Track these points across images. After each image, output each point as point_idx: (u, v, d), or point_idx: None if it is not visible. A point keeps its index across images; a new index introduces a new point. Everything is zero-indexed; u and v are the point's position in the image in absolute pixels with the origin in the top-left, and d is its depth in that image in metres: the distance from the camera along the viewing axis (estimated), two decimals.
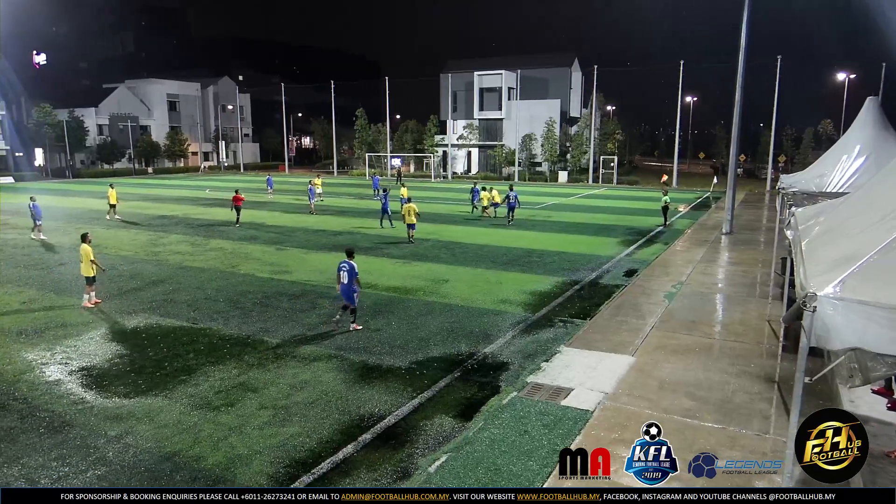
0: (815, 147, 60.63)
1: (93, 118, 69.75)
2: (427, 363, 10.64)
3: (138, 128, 72.60)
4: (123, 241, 22.97)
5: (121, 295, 15.19)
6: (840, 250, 5.22)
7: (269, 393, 9.32)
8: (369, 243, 22.63)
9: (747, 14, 23.42)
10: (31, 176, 59.62)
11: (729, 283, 16.74)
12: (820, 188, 13.93)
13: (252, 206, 33.87)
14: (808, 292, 4.55)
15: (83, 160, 68.82)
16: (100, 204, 36.61)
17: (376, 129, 70.46)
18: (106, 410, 8.70)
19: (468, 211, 32.12)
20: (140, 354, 10.98)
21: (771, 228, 24.62)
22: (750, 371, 10.01)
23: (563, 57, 70.33)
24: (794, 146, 65.41)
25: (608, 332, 12.14)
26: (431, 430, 8.16)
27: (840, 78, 59.00)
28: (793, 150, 64.43)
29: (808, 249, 6.12)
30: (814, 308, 4.46)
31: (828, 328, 4.44)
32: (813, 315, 4.48)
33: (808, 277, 4.97)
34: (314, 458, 7.45)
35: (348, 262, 12.21)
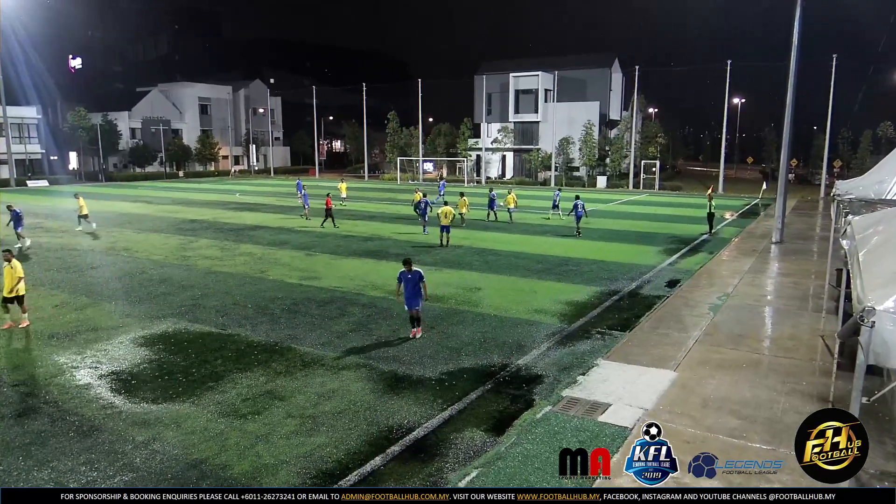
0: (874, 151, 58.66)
1: (126, 122, 72.08)
2: (458, 374, 10.62)
3: (170, 131, 74.76)
4: (154, 246, 23.60)
5: (150, 299, 15.59)
6: None
7: (297, 401, 9.43)
8: (400, 249, 22.77)
9: (800, 10, 22.90)
10: (65, 179, 61.93)
11: (779, 296, 16.31)
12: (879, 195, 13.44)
13: (278, 210, 34.48)
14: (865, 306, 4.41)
15: (116, 164, 71.11)
16: (132, 208, 37.75)
17: (408, 133, 70.99)
18: (134, 416, 8.92)
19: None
20: (168, 360, 11.24)
21: (825, 238, 23.91)
22: (801, 389, 9.71)
23: (603, 57, 69.82)
24: (851, 150, 63.46)
25: (649, 345, 11.94)
26: (462, 444, 8.13)
27: None
28: (849, 155, 62.52)
29: (866, 261, 5.94)
30: (872, 323, 4.34)
31: (887, 345, 4.32)
32: (871, 331, 4.35)
33: (865, 290, 4.83)
34: (341, 469, 7.50)
35: (412, 272, 12.17)
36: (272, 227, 28.43)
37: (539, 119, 65.30)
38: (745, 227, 29.74)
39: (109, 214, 34.28)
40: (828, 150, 51.59)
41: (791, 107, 23.90)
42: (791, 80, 23.61)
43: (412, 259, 12.73)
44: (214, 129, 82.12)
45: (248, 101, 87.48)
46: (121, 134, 69.40)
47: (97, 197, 45.74)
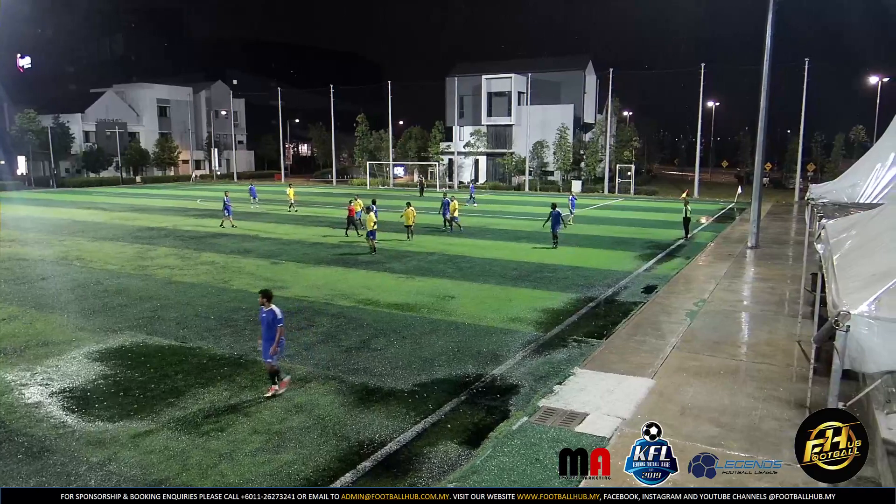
0: (847, 155, 60.45)
1: (79, 124, 70.50)
2: (431, 385, 10.59)
3: (126, 134, 73.33)
4: (110, 255, 23.10)
5: (105, 311, 15.24)
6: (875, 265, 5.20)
7: (263, 417, 9.29)
8: (369, 257, 22.67)
9: (772, 14, 23.51)
10: (12, 185, 60.21)
11: (755, 301, 16.65)
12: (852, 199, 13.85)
13: (242, 217, 34.09)
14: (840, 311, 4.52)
15: (68, 168, 69.46)
16: (85, 215, 36.91)
17: (378, 136, 70.84)
18: (88, 435, 8.69)
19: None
20: (125, 375, 10.99)
21: (800, 242, 24.52)
22: (779, 396, 9.92)
23: (577, 59, 70.64)
24: (824, 154, 65.31)
25: (626, 352, 12.07)
26: (436, 458, 8.11)
27: (872, 81, 59.03)
28: (822, 158, 64.34)
29: (841, 265, 6.09)
30: (847, 328, 4.44)
31: (862, 349, 4.42)
32: (846, 335, 4.45)
33: (840, 295, 4.95)
34: (310, 487, 7.40)
35: (269, 309, 9.89)
36: (235, 235, 28.05)
37: (512, 122, 65.75)
38: (721, 232, 30.32)
39: (61, 222, 33.45)
40: (801, 153, 52.97)
41: (765, 111, 24.49)
42: (764, 84, 24.20)
43: (271, 292, 10.19)
44: (174, 132, 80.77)
45: (209, 102, 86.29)
46: (73, 137, 67.86)
47: (48, 204, 44.63)
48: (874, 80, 58.96)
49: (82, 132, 71.11)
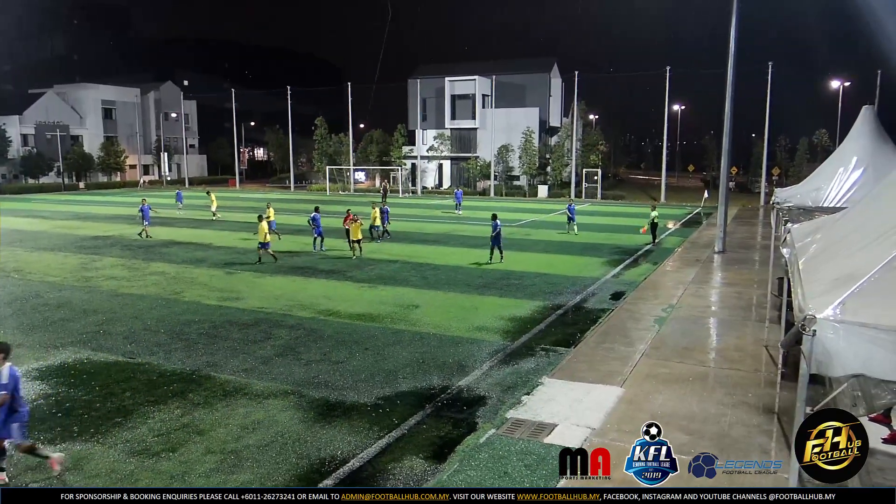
0: (811, 158, 62.52)
1: (16, 127, 68.26)
2: (395, 399, 10.54)
3: (68, 138, 71.18)
4: (51, 266, 22.41)
5: (46, 326, 14.76)
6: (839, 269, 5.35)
7: (217, 435, 9.11)
8: (329, 265, 22.49)
9: (736, 18, 24.21)
10: None
11: (723, 306, 17.05)
12: (816, 203, 14.34)
13: (194, 224, 33.45)
14: (806, 315, 4.64)
15: (5, 174, 67.21)
16: (24, 224, 35.74)
17: (338, 140, 70.41)
18: (27, 459, 8.37)
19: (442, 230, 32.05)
20: (68, 394, 10.66)
21: (766, 246, 25.22)
22: (748, 401, 10.15)
23: (542, 62, 71.56)
24: (789, 157, 67.44)
25: (594, 361, 12.22)
26: (401, 474, 8.07)
27: (834, 85, 61.18)
28: (787, 162, 66.40)
29: (806, 269, 6.27)
30: (813, 332, 4.55)
31: (829, 353, 4.53)
32: (812, 339, 4.56)
33: (806, 299, 5.08)
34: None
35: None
36: (187, 243, 27.51)
37: (477, 126, 66.12)
38: (688, 237, 30.99)
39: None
40: (766, 157, 54.55)
41: (729, 115, 25.16)
42: (729, 88, 24.88)
43: (9, 347, 7.89)
44: (120, 135, 78.88)
45: (158, 104, 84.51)
46: (10, 141, 65.69)
47: None
48: (836, 84, 61.12)
49: (20, 135, 68.86)
